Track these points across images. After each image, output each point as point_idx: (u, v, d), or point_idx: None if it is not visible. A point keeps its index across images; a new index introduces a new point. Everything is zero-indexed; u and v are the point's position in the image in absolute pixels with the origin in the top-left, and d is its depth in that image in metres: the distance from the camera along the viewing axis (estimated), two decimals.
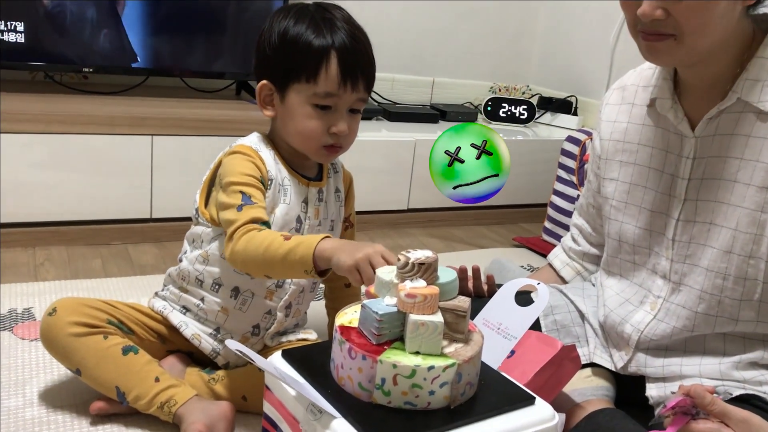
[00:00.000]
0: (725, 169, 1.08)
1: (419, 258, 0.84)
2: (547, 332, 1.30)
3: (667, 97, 1.14)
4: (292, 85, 1.14)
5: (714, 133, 1.09)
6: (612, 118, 1.26)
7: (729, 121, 1.07)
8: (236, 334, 1.22)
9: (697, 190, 1.12)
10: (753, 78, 1.03)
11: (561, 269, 1.43)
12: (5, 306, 1.49)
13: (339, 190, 1.30)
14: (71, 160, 1.83)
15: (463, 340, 0.85)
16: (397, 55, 2.75)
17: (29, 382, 1.22)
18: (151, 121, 1.91)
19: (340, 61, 1.12)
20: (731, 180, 1.07)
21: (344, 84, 1.12)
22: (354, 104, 1.17)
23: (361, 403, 0.81)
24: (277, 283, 1.20)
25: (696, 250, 1.12)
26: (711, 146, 1.10)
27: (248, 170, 1.13)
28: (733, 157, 1.07)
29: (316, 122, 1.14)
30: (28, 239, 1.83)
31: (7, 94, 1.94)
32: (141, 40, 2.09)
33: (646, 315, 1.18)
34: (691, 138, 1.11)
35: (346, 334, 0.83)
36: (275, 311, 1.22)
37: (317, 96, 1.13)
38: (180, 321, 1.22)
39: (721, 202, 1.09)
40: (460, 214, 2.47)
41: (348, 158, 2.17)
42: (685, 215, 1.13)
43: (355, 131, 1.20)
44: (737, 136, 1.07)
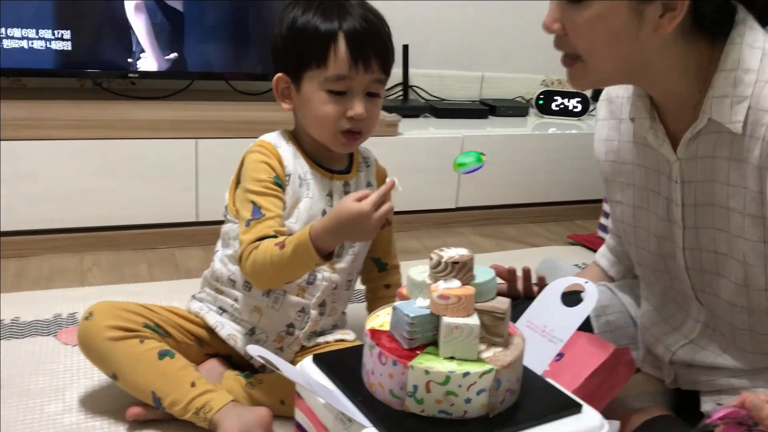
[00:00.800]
0: (715, 195, 0.97)
1: (453, 257, 0.79)
2: (599, 333, 1.23)
3: (645, 116, 1.02)
4: (305, 74, 1.11)
5: (696, 156, 0.98)
6: (604, 136, 1.16)
7: (707, 143, 0.96)
8: (271, 333, 1.20)
9: (694, 218, 1.01)
10: (719, 95, 0.91)
11: (609, 269, 1.34)
12: (51, 311, 1.50)
13: (371, 183, 1.26)
14: (118, 166, 1.84)
15: (503, 344, 0.79)
16: (445, 51, 2.70)
17: (69, 388, 1.22)
18: (195, 125, 1.91)
19: (348, 42, 1.08)
20: (724, 207, 0.96)
21: (355, 65, 1.09)
22: (370, 87, 1.12)
23: (392, 411, 0.76)
24: (308, 279, 1.17)
25: (712, 281, 1.03)
26: (696, 169, 0.99)
27: (262, 175, 1.11)
28: (720, 182, 0.96)
29: (331, 107, 1.11)
30: (76, 245, 1.85)
31: (56, 102, 1.97)
32: (188, 44, 2.09)
33: (681, 339, 1.10)
34: (675, 161, 1.00)
35: (376, 338, 0.79)
36: (308, 309, 1.19)
37: (329, 80, 1.09)
38: (216, 321, 1.20)
39: (721, 230, 0.98)
40: (512, 212, 2.39)
41: (394, 156, 2.15)
42: (689, 243, 1.04)
43: (376, 117, 1.15)
44: (718, 159, 0.95)
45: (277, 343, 1.21)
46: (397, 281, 1.32)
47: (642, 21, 0.88)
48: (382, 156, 2.11)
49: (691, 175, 0.99)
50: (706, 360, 1.07)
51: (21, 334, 1.40)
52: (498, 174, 2.32)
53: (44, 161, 1.77)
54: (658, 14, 0.87)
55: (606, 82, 1.00)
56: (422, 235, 2.20)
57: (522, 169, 2.35)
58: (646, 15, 0.88)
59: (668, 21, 0.87)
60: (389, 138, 2.13)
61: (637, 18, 0.88)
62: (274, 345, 1.21)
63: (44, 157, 1.77)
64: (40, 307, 1.52)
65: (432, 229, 2.26)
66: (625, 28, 0.89)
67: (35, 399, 1.18)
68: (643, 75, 0.96)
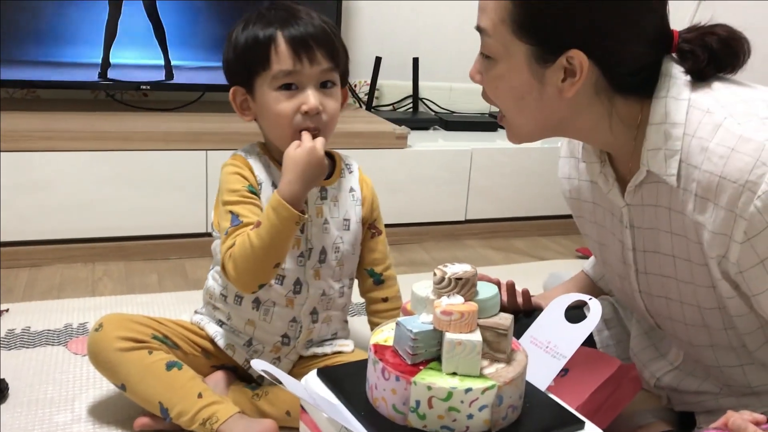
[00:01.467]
0: (660, 242, 0.97)
1: (456, 272, 0.80)
2: (602, 348, 1.23)
3: (594, 161, 1.03)
4: (255, 81, 1.13)
5: (641, 203, 0.98)
6: (566, 174, 1.17)
7: (650, 192, 0.95)
8: (267, 344, 1.21)
9: (644, 263, 1.02)
10: (653, 147, 0.91)
11: (599, 280, 1.34)
12: (62, 321, 1.52)
13: (354, 189, 1.25)
14: (129, 177, 1.86)
15: (505, 360, 0.80)
16: (455, 63, 2.70)
17: (78, 398, 1.23)
18: (206, 137, 1.93)
19: (287, 38, 1.10)
20: (669, 255, 0.96)
21: (298, 58, 1.10)
22: (321, 77, 1.12)
23: (395, 426, 0.77)
24: (294, 289, 1.18)
25: (670, 324, 1.04)
26: (643, 216, 0.99)
27: (236, 185, 1.13)
28: (664, 230, 0.96)
29: (284, 104, 1.11)
30: (87, 255, 1.87)
31: (70, 113, 2.00)
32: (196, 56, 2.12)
33: (666, 365, 1.11)
34: (623, 206, 1.00)
35: (380, 353, 0.80)
36: (300, 318, 1.20)
37: (277, 78, 1.11)
38: (215, 331, 1.22)
39: (669, 276, 0.98)
40: (522, 225, 2.40)
41: (403, 168, 2.17)
42: (644, 287, 1.05)
43: (333, 110, 1.14)
44: (660, 208, 0.95)
45: (274, 353, 1.22)
46: (395, 293, 1.31)
47: (543, 84, 0.90)
48: (391, 168, 2.14)
49: (638, 221, 1.00)
50: (692, 387, 1.08)
51: (32, 343, 1.41)
52: (507, 187, 2.32)
53: (57, 172, 1.80)
54: (560, 78, 0.88)
55: (531, 138, 1.00)
56: (431, 247, 2.20)
57: (531, 182, 2.35)
58: (547, 79, 0.89)
59: (569, 86, 0.89)
60: (399, 150, 2.14)
61: (538, 81, 0.90)
62: (272, 355, 1.22)
63: (57, 167, 1.79)
64: (51, 316, 1.54)
65: (441, 242, 2.27)
66: (527, 89, 0.91)
67: (44, 408, 1.19)
68: (567, 130, 0.97)
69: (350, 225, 1.23)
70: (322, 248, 1.19)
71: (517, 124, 0.97)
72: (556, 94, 0.90)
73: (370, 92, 2.53)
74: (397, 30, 2.59)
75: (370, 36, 2.53)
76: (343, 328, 1.30)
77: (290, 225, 1.05)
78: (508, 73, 0.91)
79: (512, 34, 0.89)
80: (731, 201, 0.83)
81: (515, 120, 0.96)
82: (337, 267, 1.22)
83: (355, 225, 1.24)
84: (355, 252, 1.26)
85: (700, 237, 0.89)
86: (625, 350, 1.25)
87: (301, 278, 1.18)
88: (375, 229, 1.29)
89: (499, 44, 0.91)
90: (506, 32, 0.89)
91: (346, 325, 1.31)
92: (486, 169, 2.28)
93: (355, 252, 1.26)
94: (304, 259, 1.18)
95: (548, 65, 0.88)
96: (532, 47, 0.88)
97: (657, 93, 0.90)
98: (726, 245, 0.86)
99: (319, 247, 1.19)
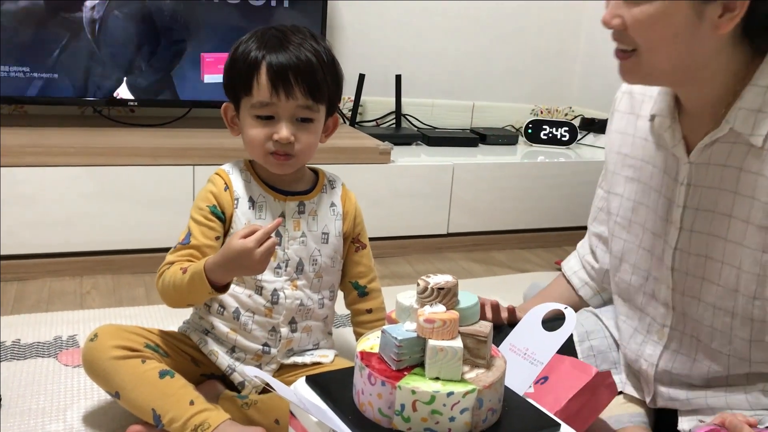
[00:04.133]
0: (719, 202, 1.02)
1: (438, 283, 0.84)
2: (583, 358, 1.27)
3: (666, 115, 1.08)
4: (241, 102, 1.19)
5: (708, 161, 1.03)
6: (621, 129, 1.21)
7: (722, 151, 1.01)
8: (249, 352, 1.24)
9: (692, 221, 1.06)
10: (747, 107, 0.96)
11: (580, 288, 1.38)
12: (51, 333, 1.54)
13: (335, 204, 1.29)
14: (117, 192, 1.89)
15: (485, 366, 0.84)
16: (437, 80, 2.77)
17: (70, 408, 1.25)
18: (193, 152, 1.96)
19: (269, 70, 1.14)
20: (726, 215, 1.01)
21: (276, 92, 1.14)
22: (296, 112, 1.16)
23: (381, 429, 0.81)
24: (272, 299, 1.22)
25: (694, 284, 1.08)
26: (706, 175, 1.04)
27: (203, 203, 1.21)
28: (727, 190, 1.01)
29: (257, 130, 1.17)
30: (75, 268, 1.89)
31: (57, 129, 2.02)
32: (185, 73, 2.15)
33: (656, 346, 1.14)
34: (685, 163, 1.05)
35: (366, 360, 0.84)
36: (278, 327, 1.24)
37: (254, 107, 1.16)
38: (200, 338, 1.26)
39: (717, 236, 1.03)
40: (502, 238, 2.45)
41: (387, 183, 2.21)
42: (682, 245, 1.08)
43: (307, 142, 1.18)
44: (729, 168, 1.00)
45: (255, 361, 1.25)
46: (378, 305, 1.34)
47: (702, 19, 0.92)
48: (375, 182, 2.19)
49: (698, 179, 1.04)
50: (685, 368, 1.11)
51: (22, 355, 1.44)
52: (488, 201, 2.38)
53: (45, 186, 1.82)
54: (718, 14, 0.91)
55: (655, 80, 1.03)
56: (414, 260, 2.25)
57: (511, 197, 2.41)
58: (706, 14, 0.91)
59: (727, 21, 0.91)
60: (382, 165, 2.18)
61: (698, 16, 0.92)
62: (253, 363, 1.25)
63: (45, 182, 1.82)
64: (41, 329, 1.56)
65: (424, 254, 2.31)
66: (685, 25, 0.93)
67: (37, 419, 1.22)
68: (691, 78, 1.00)
69: (329, 238, 1.27)
70: (299, 260, 1.23)
71: (655, 64, 0.97)
72: (710, 31, 0.92)
73: (354, 108, 2.58)
74: (380, 48, 2.65)
75: (354, 53, 2.58)
76: (325, 339, 1.32)
77: (203, 293, 1.12)
78: (666, 10, 0.92)
79: None
80: None
81: (655, 60, 0.97)
82: (315, 279, 1.26)
83: (334, 239, 1.27)
84: (335, 265, 1.29)
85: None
86: (606, 360, 1.29)
87: (278, 289, 1.22)
88: (359, 243, 1.33)
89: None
90: None
91: (329, 336, 1.34)
92: (467, 184, 2.33)
93: (335, 265, 1.29)
94: (281, 270, 1.22)
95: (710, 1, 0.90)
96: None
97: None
98: None
99: (296, 259, 1.23)
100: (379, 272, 1.40)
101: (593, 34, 2.93)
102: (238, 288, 1.22)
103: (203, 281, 1.10)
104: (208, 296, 1.14)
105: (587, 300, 1.38)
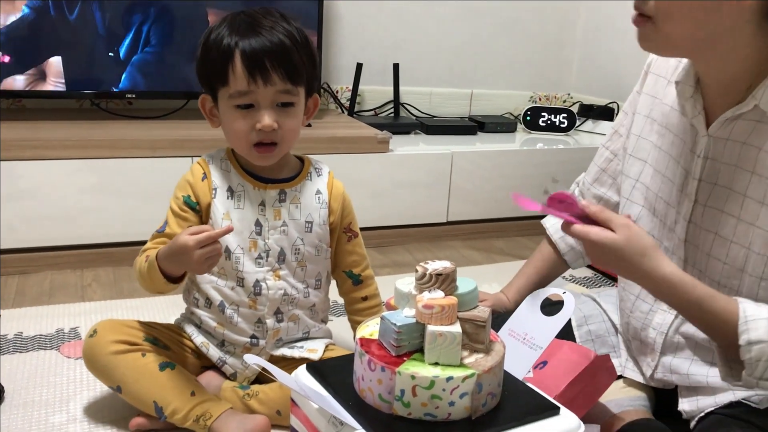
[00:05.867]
0: (735, 180, 1.01)
1: (437, 269, 0.85)
2: (581, 343, 1.28)
3: (690, 84, 1.05)
4: (218, 92, 1.15)
5: (728, 137, 1.02)
6: (650, 92, 1.19)
7: (744, 128, 1.00)
8: (237, 345, 1.24)
9: (707, 195, 1.05)
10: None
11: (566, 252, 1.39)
12: (53, 326, 1.55)
13: (321, 192, 1.26)
14: (116, 184, 1.89)
15: (484, 351, 0.84)
16: (435, 68, 2.77)
17: (73, 399, 1.26)
18: (192, 143, 1.96)
19: (243, 58, 1.10)
20: (741, 193, 1.00)
21: (253, 79, 1.10)
22: (278, 98, 1.13)
23: (381, 414, 0.81)
24: (255, 291, 1.21)
25: (701, 259, 1.07)
26: (724, 150, 1.02)
27: (179, 192, 1.21)
28: (744, 169, 1.00)
29: (240, 122, 1.13)
30: (76, 261, 1.90)
31: (55, 122, 2.02)
32: (181, 64, 2.15)
33: (666, 315, 1.14)
34: (704, 136, 1.04)
35: (366, 347, 0.84)
36: (264, 319, 1.23)
37: (233, 97, 1.12)
38: (192, 330, 1.26)
39: (729, 214, 1.02)
40: (502, 225, 2.45)
41: (386, 172, 2.22)
42: (695, 218, 1.08)
43: (290, 127, 1.16)
44: (749, 147, 0.99)
45: (245, 353, 1.25)
46: (373, 291, 1.33)
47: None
48: (374, 172, 2.19)
49: (716, 154, 1.03)
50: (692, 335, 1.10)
51: (24, 348, 1.44)
52: (487, 189, 2.38)
53: (44, 180, 1.82)
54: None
55: (671, 49, 1.01)
56: (414, 249, 2.25)
57: (510, 184, 2.41)
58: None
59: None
60: (381, 154, 2.18)
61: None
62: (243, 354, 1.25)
63: (44, 176, 1.82)
64: (43, 322, 1.57)
65: (423, 243, 2.31)
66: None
67: (40, 410, 1.23)
68: (708, 50, 0.97)
69: (312, 227, 1.24)
70: (281, 250, 1.21)
71: (673, 32, 0.95)
72: (734, 3, 0.90)
73: (352, 98, 2.57)
74: (378, 37, 2.64)
75: (352, 43, 2.58)
76: (317, 327, 1.30)
77: (160, 284, 1.13)
78: None
79: None
80: None
81: (674, 28, 0.94)
82: (299, 268, 1.24)
83: (318, 227, 1.24)
84: (320, 254, 1.26)
85: None
86: (604, 344, 1.29)
87: (260, 279, 1.21)
88: (351, 232, 1.31)
89: None
90: None
91: (323, 324, 1.32)
92: (466, 172, 2.33)
93: (320, 254, 1.26)
94: (263, 261, 1.21)
95: None
96: None
97: None
98: None
99: (277, 248, 1.21)
100: (378, 261, 1.41)
101: (591, 21, 2.92)
102: (221, 281, 1.21)
103: (156, 270, 1.11)
104: (166, 286, 1.13)
105: (571, 264, 1.40)
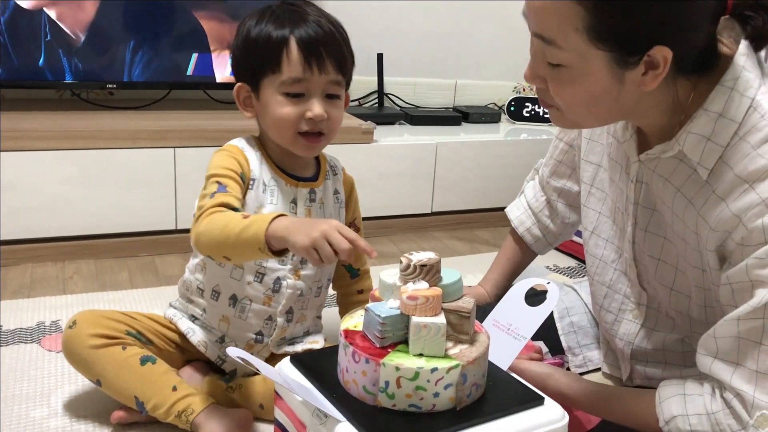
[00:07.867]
0: (663, 212, 1.01)
1: (421, 260, 0.84)
2: (564, 334, 1.29)
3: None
4: (263, 81, 1.14)
5: (653, 170, 1.00)
6: None
7: (667, 166, 0.98)
8: (240, 341, 1.23)
9: (645, 220, 1.05)
10: (698, 132, 0.91)
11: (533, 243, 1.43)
12: (34, 319, 1.53)
13: (338, 192, 1.27)
14: (98, 175, 1.87)
15: (468, 341, 0.84)
16: (419, 58, 2.75)
17: (54, 393, 1.25)
18: (173, 134, 1.94)
19: (300, 45, 1.10)
20: (669, 225, 1.00)
21: (309, 66, 1.10)
22: (328, 88, 1.14)
23: (365, 406, 0.81)
24: (273, 287, 1.19)
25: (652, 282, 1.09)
26: (651, 180, 1.01)
27: (228, 164, 1.13)
28: (666, 204, 0.99)
29: (289, 108, 1.12)
30: (57, 253, 1.88)
31: (35, 113, 1.99)
32: (162, 54, 2.13)
33: (632, 324, 1.15)
34: (635, 162, 1.03)
35: (350, 338, 0.84)
36: (275, 317, 1.22)
37: (285, 84, 1.11)
38: (187, 328, 1.24)
39: (670, 240, 1.02)
40: (485, 216, 2.45)
41: (370, 162, 2.21)
42: (638, 240, 1.08)
43: (337, 119, 1.16)
44: (669, 185, 0.98)
45: (246, 350, 1.24)
46: (369, 285, 1.35)
47: (623, 84, 0.87)
48: (358, 162, 2.18)
49: (647, 179, 1.03)
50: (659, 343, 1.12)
51: (5, 341, 1.42)
52: (471, 179, 2.38)
53: (24, 171, 1.80)
54: (641, 73, 0.86)
55: (581, 127, 1.03)
56: (398, 240, 2.25)
57: (495, 174, 2.41)
58: (627, 78, 0.87)
59: (652, 78, 0.86)
60: (365, 145, 2.17)
61: (618, 81, 0.87)
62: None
63: (24, 167, 1.79)
64: (23, 315, 1.55)
65: (408, 233, 2.31)
66: (605, 92, 0.88)
67: (21, 404, 1.21)
68: (624, 117, 0.98)
69: None
70: None
71: (578, 118, 0.95)
72: (635, 90, 0.88)
73: None
74: (362, 26, 2.62)
75: None
76: (315, 324, 1.31)
77: (256, 252, 0.98)
78: (584, 79, 0.88)
79: (588, 42, 0.84)
80: (744, 209, 0.85)
81: (577, 116, 0.94)
82: (319, 269, 1.23)
83: None
84: None
85: (698, 229, 0.92)
86: (586, 335, 1.30)
87: (281, 277, 1.19)
88: (354, 227, 1.32)
89: (572, 54, 0.86)
90: (580, 41, 0.84)
91: (318, 320, 1.33)
92: (451, 162, 2.33)
93: None
94: (287, 259, 1.19)
95: (630, 67, 0.85)
96: (612, 53, 0.84)
97: (724, 80, 0.89)
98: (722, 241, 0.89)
99: None
100: None
101: None
102: (236, 273, 1.18)
103: (259, 239, 0.95)
104: (257, 255, 0.99)
105: (539, 252, 1.44)
